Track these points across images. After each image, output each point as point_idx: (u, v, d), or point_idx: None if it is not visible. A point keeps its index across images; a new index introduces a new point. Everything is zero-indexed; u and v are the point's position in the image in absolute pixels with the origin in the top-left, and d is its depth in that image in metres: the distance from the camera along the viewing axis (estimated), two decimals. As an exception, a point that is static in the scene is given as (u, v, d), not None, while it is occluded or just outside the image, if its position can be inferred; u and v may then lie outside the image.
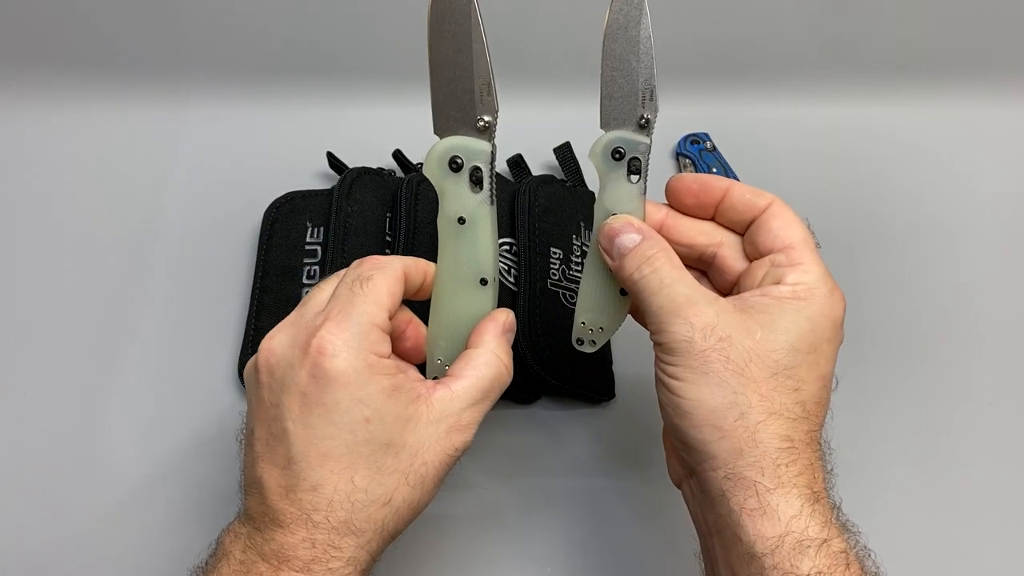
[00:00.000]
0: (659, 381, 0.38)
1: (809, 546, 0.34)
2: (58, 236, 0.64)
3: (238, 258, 0.62)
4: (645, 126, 0.41)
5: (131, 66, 0.70)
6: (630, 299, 0.43)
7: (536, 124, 0.69)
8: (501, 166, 0.65)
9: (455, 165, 0.40)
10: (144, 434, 0.55)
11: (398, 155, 0.65)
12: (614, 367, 0.58)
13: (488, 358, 0.40)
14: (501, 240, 0.58)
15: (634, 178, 0.41)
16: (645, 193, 0.42)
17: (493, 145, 0.40)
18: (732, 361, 0.36)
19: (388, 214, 0.61)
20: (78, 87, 0.70)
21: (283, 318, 0.56)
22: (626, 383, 0.57)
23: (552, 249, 0.58)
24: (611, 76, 0.41)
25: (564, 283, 0.58)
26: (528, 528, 0.52)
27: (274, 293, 0.59)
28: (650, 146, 0.41)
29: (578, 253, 0.60)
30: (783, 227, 0.40)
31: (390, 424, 0.37)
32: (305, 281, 0.59)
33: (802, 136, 0.70)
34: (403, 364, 0.40)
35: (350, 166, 0.64)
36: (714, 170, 0.66)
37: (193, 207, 0.65)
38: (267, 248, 0.61)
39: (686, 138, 0.68)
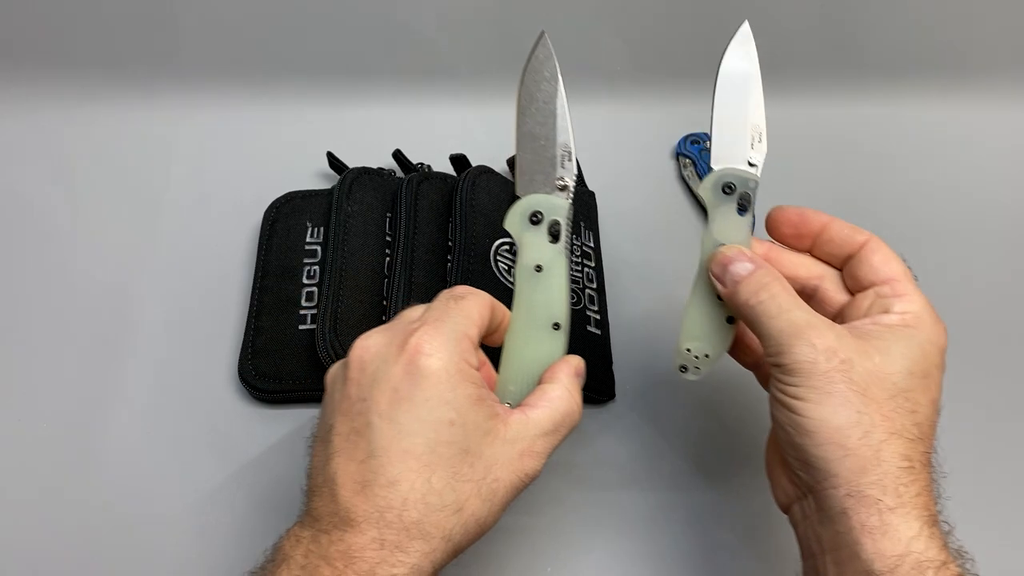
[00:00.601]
0: (778, 402, 0.39)
1: (928, 568, 0.35)
2: (58, 236, 0.64)
3: (238, 258, 0.62)
4: (754, 165, 0.44)
5: (131, 66, 0.70)
6: (736, 327, 0.45)
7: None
8: (501, 166, 0.65)
9: (536, 219, 0.45)
10: (143, 434, 0.55)
11: (398, 155, 0.65)
12: (614, 367, 0.57)
13: (561, 393, 0.41)
14: (501, 240, 0.58)
15: (743, 212, 0.44)
16: (753, 227, 0.44)
17: (571, 203, 0.44)
18: (855, 382, 0.37)
19: (388, 214, 0.61)
20: (78, 87, 0.70)
21: (283, 318, 0.57)
22: (626, 383, 0.57)
23: (552, 249, 0.58)
24: (723, 120, 0.46)
25: (564, 283, 0.58)
26: (528, 529, 0.52)
27: (274, 293, 0.59)
28: (758, 183, 0.44)
29: (578, 253, 0.60)
30: (884, 262, 0.42)
31: (471, 431, 0.38)
32: (305, 281, 0.59)
33: (802, 136, 0.70)
34: (485, 381, 0.40)
35: (350, 166, 0.64)
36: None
37: (193, 207, 0.65)
38: (267, 248, 0.61)
39: (686, 138, 0.68)
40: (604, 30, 0.70)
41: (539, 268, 0.44)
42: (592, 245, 0.62)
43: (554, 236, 0.44)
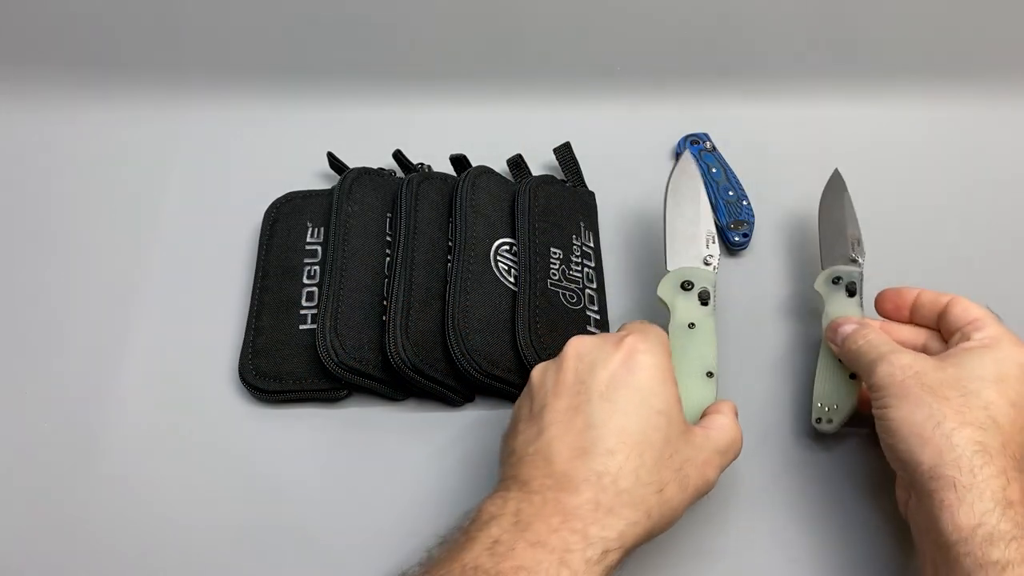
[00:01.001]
0: (875, 418, 0.46)
1: (1000, 539, 0.39)
2: (58, 236, 0.64)
3: (238, 258, 0.62)
4: (855, 262, 0.56)
5: (131, 66, 0.70)
6: (859, 384, 0.52)
7: (536, 124, 0.69)
8: (501, 166, 0.65)
9: (687, 286, 0.53)
10: (143, 434, 0.55)
11: (398, 155, 0.65)
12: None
13: (728, 423, 0.46)
14: (501, 240, 0.58)
15: (850, 296, 0.54)
16: (862, 307, 0.54)
17: (716, 274, 0.55)
18: (927, 386, 0.44)
19: (388, 214, 0.61)
20: (78, 87, 0.70)
21: (283, 318, 0.57)
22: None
23: (552, 249, 0.58)
24: (826, 232, 0.58)
25: (564, 283, 0.58)
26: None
27: (274, 293, 0.59)
28: (862, 274, 0.55)
29: (578, 253, 0.60)
30: (964, 310, 0.49)
31: (674, 425, 0.43)
32: (305, 281, 0.59)
33: (802, 136, 0.70)
34: None
35: (350, 166, 0.64)
36: (714, 170, 0.66)
37: (193, 207, 0.65)
38: (267, 248, 0.61)
39: (686, 138, 0.68)
40: (604, 30, 0.70)
41: (692, 325, 0.52)
42: (592, 245, 0.62)
43: (703, 300, 0.53)
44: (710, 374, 0.51)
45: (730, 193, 0.65)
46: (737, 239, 0.63)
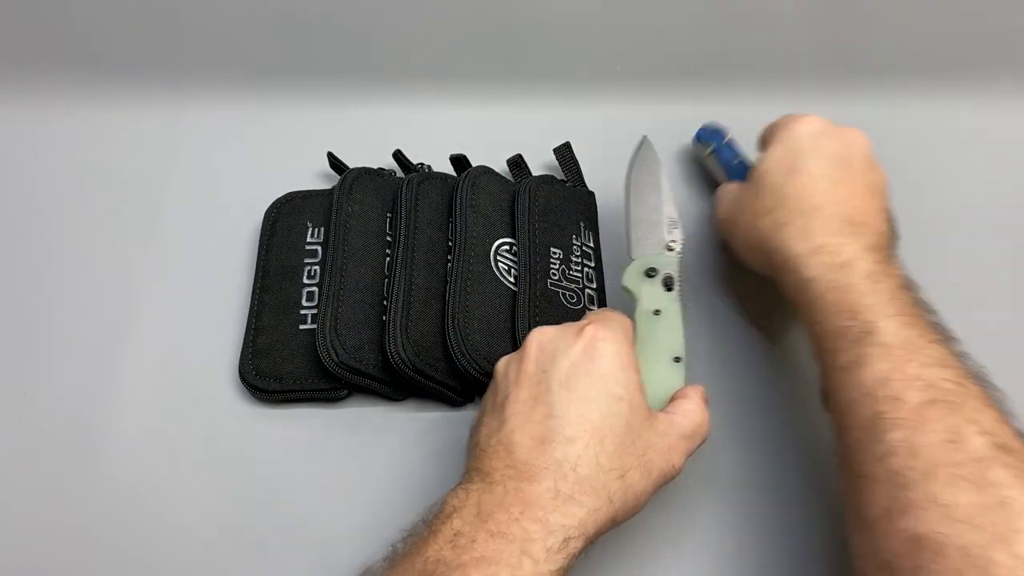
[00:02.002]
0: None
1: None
2: (58, 236, 0.64)
3: (238, 258, 0.62)
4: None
5: (130, 66, 0.70)
6: None
7: (536, 124, 0.69)
8: (501, 166, 0.65)
9: (651, 273, 0.53)
10: (144, 434, 0.55)
11: (398, 155, 0.65)
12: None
13: (694, 407, 0.47)
14: (501, 240, 0.58)
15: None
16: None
17: (680, 258, 0.54)
18: (729, 221, 0.57)
19: (388, 214, 0.61)
20: (78, 87, 0.70)
21: (283, 318, 0.57)
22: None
23: (552, 249, 0.58)
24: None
25: (564, 283, 0.58)
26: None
27: (274, 293, 0.59)
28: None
29: (578, 253, 0.60)
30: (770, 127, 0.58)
31: (636, 410, 0.43)
32: (305, 281, 0.59)
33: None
34: None
35: (350, 166, 0.64)
36: (735, 162, 0.65)
37: (193, 207, 0.66)
38: (267, 248, 0.61)
39: (705, 129, 0.67)
40: (604, 30, 0.70)
41: (657, 312, 0.52)
42: (592, 245, 0.62)
43: (667, 286, 0.53)
44: (677, 359, 0.50)
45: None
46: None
